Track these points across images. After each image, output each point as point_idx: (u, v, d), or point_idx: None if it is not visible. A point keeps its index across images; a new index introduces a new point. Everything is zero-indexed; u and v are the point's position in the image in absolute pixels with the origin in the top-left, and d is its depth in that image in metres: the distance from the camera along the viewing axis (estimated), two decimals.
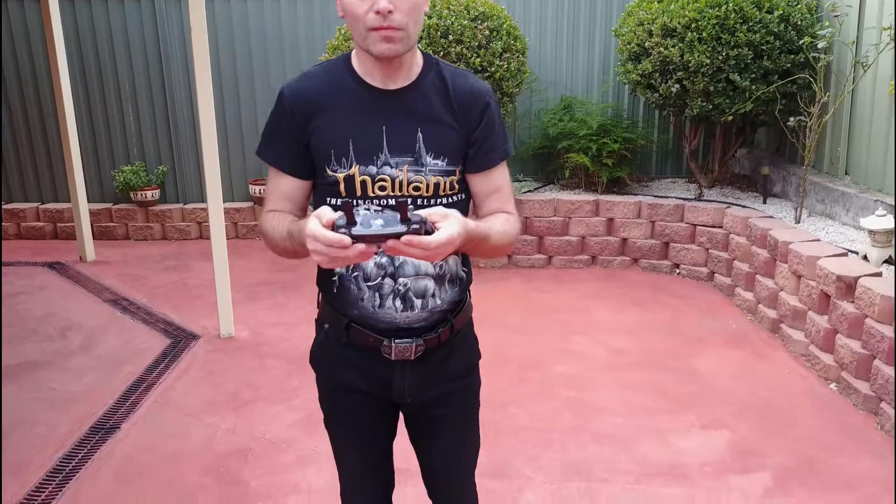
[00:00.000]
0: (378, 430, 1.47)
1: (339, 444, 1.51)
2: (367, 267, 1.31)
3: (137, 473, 2.47)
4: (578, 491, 2.34)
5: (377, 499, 1.53)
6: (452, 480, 1.56)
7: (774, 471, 2.44)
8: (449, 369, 1.43)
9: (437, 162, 1.30)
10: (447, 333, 1.39)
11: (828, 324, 3.13)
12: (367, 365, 1.38)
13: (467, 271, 1.42)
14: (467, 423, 1.52)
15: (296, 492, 2.35)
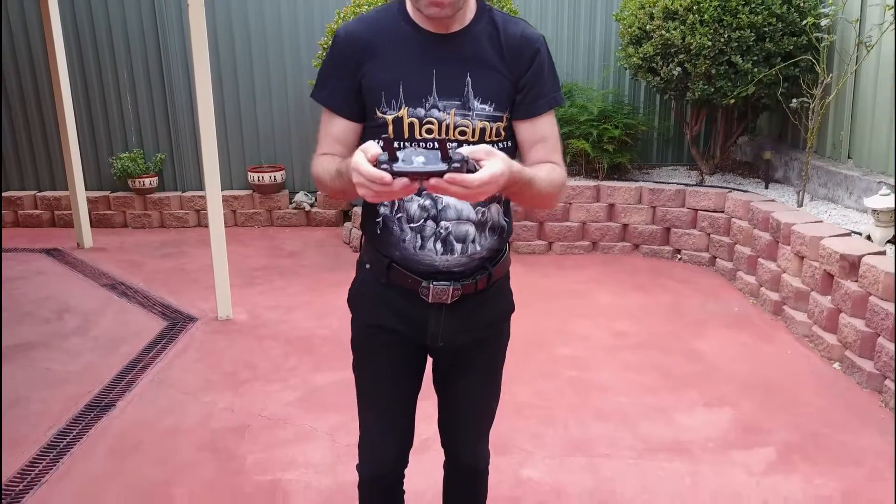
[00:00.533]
0: (405, 376, 1.47)
1: (365, 388, 1.50)
2: (411, 209, 1.33)
3: (132, 449, 2.43)
4: (580, 466, 2.31)
5: (395, 450, 1.51)
6: (469, 431, 1.55)
7: (778, 446, 2.41)
8: (483, 317, 1.45)
9: (485, 107, 1.31)
10: (484, 281, 1.40)
11: (831, 304, 3.10)
12: (404, 306, 1.40)
13: (508, 221, 1.43)
14: (492, 373, 1.53)
15: (293, 467, 2.32)
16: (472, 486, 1.67)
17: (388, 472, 1.53)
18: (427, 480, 2.21)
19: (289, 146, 5.34)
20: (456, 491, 1.69)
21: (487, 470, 1.68)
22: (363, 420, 1.53)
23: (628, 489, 2.18)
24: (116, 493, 2.19)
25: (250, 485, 2.23)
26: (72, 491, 2.20)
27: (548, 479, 2.24)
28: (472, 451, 1.58)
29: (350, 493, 2.14)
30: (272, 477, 2.26)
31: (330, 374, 2.94)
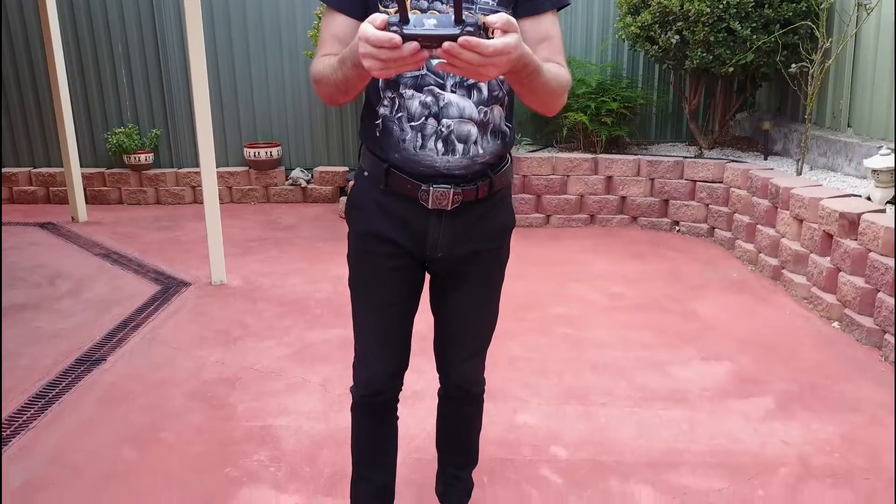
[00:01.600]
0: (402, 290, 1.44)
1: (361, 302, 1.46)
2: (411, 106, 1.30)
3: (122, 398, 2.40)
4: (575, 413, 2.27)
5: (390, 366, 1.48)
6: (464, 348, 1.52)
7: (776, 395, 2.38)
8: (484, 228, 1.42)
9: (488, 0, 1.27)
10: (486, 189, 1.37)
11: (830, 263, 3.07)
12: (403, 213, 1.37)
13: (510, 128, 1.39)
14: (489, 289, 1.50)
15: (284, 414, 2.28)
16: (466, 411, 1.64)
17: (382, 388, 1.49)
18: (420, 424, 2.19)
19: (285, 122, 5.31)
20: (449, 418, 1.66)
21: (482, 398, 1.65)
22: (358, 337, 1.49)
23: (624, 435, 2.15)
24: (104, 437, 2.15)
25: (240, 430, 2.19)
26: (59, 435, 2.16)
27: (542, 425, 2.20)
28: (467, 371, 1.55)
29: (342, 438, 2.11)
30: (263, 423, 2.23)
31: (324, 332, 2.91)
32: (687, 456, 2.04)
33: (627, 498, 1.85)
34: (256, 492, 1.89)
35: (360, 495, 1.59)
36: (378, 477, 1.59)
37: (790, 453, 2.04)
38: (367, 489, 1.59)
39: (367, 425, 1.55)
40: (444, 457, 1.71)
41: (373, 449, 1.57)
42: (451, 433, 1.68)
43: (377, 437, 1.57)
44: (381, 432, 1.56)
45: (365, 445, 1.57)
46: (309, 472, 1.97)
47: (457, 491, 1.70)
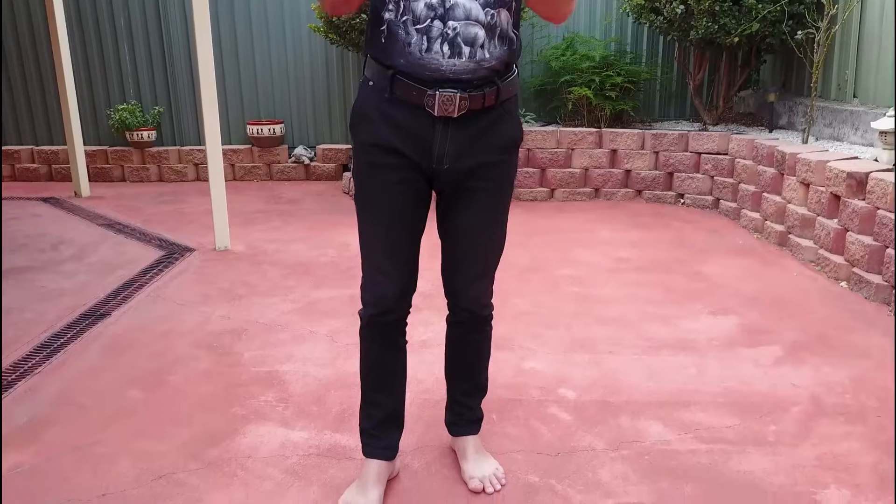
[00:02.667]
0: (408, 202, 1.42)
1: (367, 217, 1.45)
2: (417, 8, 1.28)
3: (127, 346, 2.39)
4: (583, 361, 2.26)
5: (399, 284, 1.46)
6: (471, 267, 1.50)
7: (785, 344, 2.36)
8: (490, 140, 1.40)
9: None
10: (493, 97, 1.36)
11: (837, 225, 3.05)
12: (409, 122, 1.35)
13: (517, 35, 1.38)
14: (497, 208, 1.48)
15: (291, 361, 2.27)
16: (475, 337, 1.62)
17: (390, 307, 1.48)
18: (429, 369, 2.18)
19: (288, 100, 5.29)
20: (457, 343, 1.64)
21: (490, 324, 1.64)
22: (366, 255, 1.47)
23: (633, 378, 2.13)
24: (110, 381, 2.14)
25: (247, 374, 2.18)
26: (65, 379, 2.15)
27: (550, 370, 2.19)
28: (475, 293, 1.53)
29: (351, 381, 2.10)
30: (269, 368, 2.22)
31: (330, 291, 2.90)
32: (697, 396, 2.02)
33: (638, 433, 1.83)
34: (263, 428, 1.87)
35: (370, 420, 1.58)
36: (388, 401, 1.58)
37: (801, 394, 2.03)
38: (377, 413, 1.57)
39: (377, 347, 1.54)
40: (452, 386, 1.69)
41: (382, 372, 1.56)
42: (459, 360, 1.66)
43: (387, 359, 1.55)
44: (391, 355, 1.55)
45: (374, 368, 1.56)
46: (317, 411, 1.95)
47: (466, 420, 1.69)
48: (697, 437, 1.81)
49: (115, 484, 1.63)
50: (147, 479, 1.65)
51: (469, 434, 1.68)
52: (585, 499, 1.57)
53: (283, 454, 1.75)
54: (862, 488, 1.60)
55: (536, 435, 1.83)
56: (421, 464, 1.71)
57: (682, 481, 1.63)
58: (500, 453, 1.74)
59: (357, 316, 1.53)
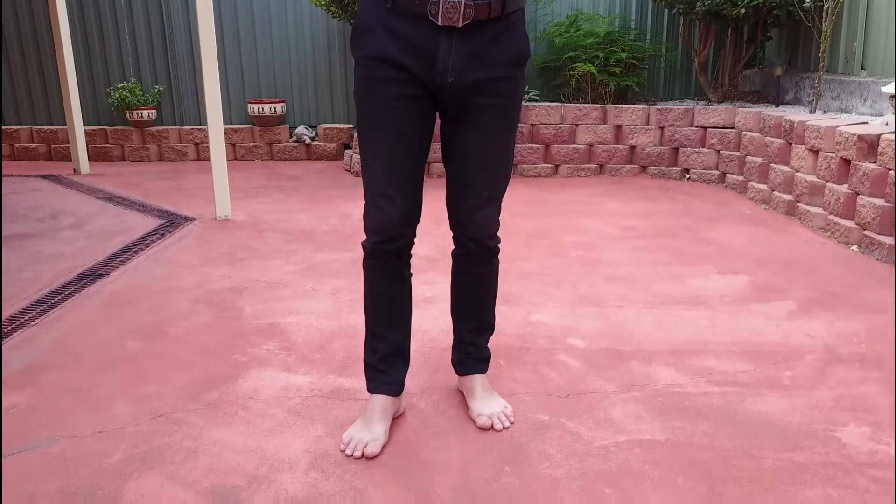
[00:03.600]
0: (412, 119, 1.38)
1: (370, 137, 1.39)
2: None
3: (126, 302, 2.34)
4: (590, 314, 2.21)
5: (402, 208, 1.41)
6: (479, 196, 1.45)
7: (798, 300, 2.32)
8: (497, 53, 1.36)
9: None
10: (498, 7, 1.32)
11: (848, 189, 3.01)
12: (411, 33, 1.31)
13: None
14: (505, 127, 1.43)
15: (293, 314, 2.22)
16: (481, 270, 1.57)
17: (394, 233, 1.43)
18: (434, 322, 2.13)
19: (289, 79, 5.25)
20: (464, 277, 1.60)
21: (497, 258, 1.59)
22: (368, 179, 1.43)
23: (643, 329, 2.09)
24: (108, 332, 2.09)
25: (248, 326, 2.13)
26: (62, 331, 2.10)
27: (558, 322, 2.14)
28: (481, 219, 1.48)
29: (355, 332, 2.06)
30: (271, 321, 2.17)
31: (333, 254, 2.85)
32: (709, 346, 1.97)
33: (650, 377, 1.79)
34: (265, 373, 1.83)
35: (375, 355, 1.53)
36: (393, 335, 1.53)
37: (816, 344, 1.98)
38: (382, 348, 1.53)
39: (381, 278, 1.49)
40: (459, 324, 1.65)
41: (387, 304, 1.51)
42: (466, 296, 1.61)
43: (391, 291, 1.50)
44: (396, 286, 1.50)
45: (379, 301, 1.51)
46: (320, 358, 1.91)
47: (473, 359, 1.64)
48: (710, 381, 1.77)
49: (113, 422, 1.59)
50: (145, 418, 1.60)
51: (477, 373, 1.64)
52: (597, 435, 1.52)
53: (286, 396, 1.70)
54: (882, 426, 1.56)
55: (545, 379, 1.78)
56: (427, 403, 1.67)
57: (696, 420, 1.58)
58: (509, 395, 1.69)
59: (358, 273, 1.49)
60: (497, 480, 1.37)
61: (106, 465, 1.42)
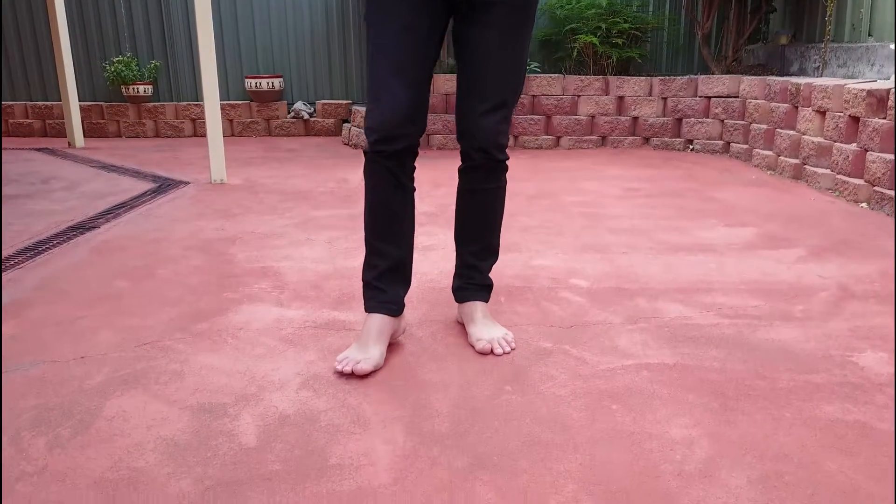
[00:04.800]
0: (421, 11, 1.31)
1: (376, 28, 1.33)
2: None
3: (116, 249, 2.27)
4: (594, 259, 2.14)
5: (406, 104, 1.34)
6: (488, 100, 1.39)
7: (807, 248, 2.25)
8: None
9: None
10: None
11: (857, 147, 2.94)
12: None
13: None
14: (520, 29, 1.37)
15: (287, 259, 2.15)
16: (488, 185, 1.48)
17: (396, 131, 1.35)
18: (434, 266, 2.07)
19: (287, 55, 5.19)
20: (470, 194, 1.51)
21: (505, 176, 1.50)
22: (371, 78, 1.35)
23: (649, 271, 2.02)
24: (95, 273, 2.03)
25: (241, 269, 2.07)
26: (48, 272, 2.03)
27: (561, 266, 2.07)
28: (490, 126, 1.40)
29: (350, 273, 1.99)
30: (265, 265, 2.10)
31: (329, 211, 2.79)
32: (717, 285, 1.91)
33: (657, 311, 1.72)
34: (257, 307, 1.76)
35: (373, 271, 1.46)
36: (393, 251, 1.46)
37: (828, 283, 1.92)
38: (381, 264, 1.46)
39: (381, 185, 1.42)
40: (462, 248, 1.58)
41: (388, 216, 1.44)
42: (471, 216, 1.54)
43: (391, 201, 1.43)
44: (396, 196, 1.43)
45: (379, 212, 1.44)
46: (314, 295, 1.84)
47: (475, 285, 1.57)
48: (720, 314, 1.70)
49: (96, 349, 1.52)
50: (130, 346, 1.53)
51: (478, 300, 1.57)
52: (602, 359, 1.45)
53: (278, 327, 1.63)
54: None
55: (547, 312, 1.71)
56: (426, 333, 1.60)
57: (706, 347, 1.51)
58: (510, 326, 1.63)
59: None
60: (498, 398, 1.30)
61: (87, 385, 1.35)
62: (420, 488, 1.03)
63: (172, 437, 1.17)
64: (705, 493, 1.01)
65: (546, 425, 1.20)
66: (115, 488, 1.03)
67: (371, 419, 1.22)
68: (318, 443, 1.15)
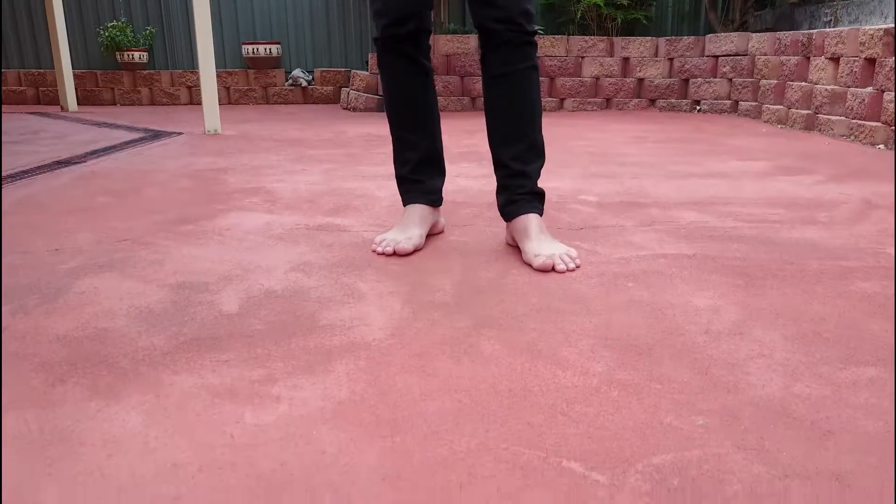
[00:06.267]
0: None
1: None
2: None
3: (102, 177, 2.17)
4: (602, 182, 2.04)
5: None
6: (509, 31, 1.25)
7: (826, 175, 2.14)
8: None
9: None
10: None
11: (873, 89, 2.84)
12: None
13: None
14: None
15: (282, 182, 2.06)
16: (518, 65, 1.29)
17: (403, 13, 1.25)
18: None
19: (285, 22, 5.09)
20: (499, 84, 1.32)
21: (535, 51, 1.31)
22: None
23: (662, 191, 1.91)
24: (77, 193, 1.92)
25: (231, 188, 1.96)
26: (28, 191, 1.93)
27: (570, 187, 1.97)
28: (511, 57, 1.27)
29: (345, 192, 1.89)
30: (258, 185, 2.00)
31: (326, 152, 2.68)
32: (735, 200, 1.80)
33: (671, 217, 1.61)
34: (247, 214, 1.65)
35: (406, 165, 1.36)
36: (422, 140, 1.36)
37: (851, 198, 1.81)
38: (413, 156, 1.36)
39: (401, 73, 1.32)
40: (501, 152, 1.35)
41: (412, 102, 1.34)
42: (504, 107, 1.33)
43: (413, 87, 1.33)
44: (417, 81, 1.33)
45: (401, 100, 1.34)
46: (308, 207, 1.74)
47: (525, 194, 1.34)
48: (739, 220, 1.59)
49: (72, 244, 1.42)
50: (109, 242, 1.43)
51: (531, 212, 1.33)
52: (615, 251, 1.35)
53: (269, 229, 1.53)
54: None
55: (556, 219, 1.61)
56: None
57: (727, 242, 1.41)
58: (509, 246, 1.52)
59: None
60: (504, 278, 1.19)
61: (59, 269, 1.25)
62: (418, 342, 0.92)
63: (147, 306, 1.07)
64: (736, 347, 0.91)
65: (556, 297, 1.10)
66: (79, 343, 0.93)
67: (367, 293, 1.12)
68: (307, 310, 1.05)
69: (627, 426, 0.71)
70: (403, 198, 1.38)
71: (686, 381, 0.81)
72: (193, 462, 0.65)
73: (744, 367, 0.85)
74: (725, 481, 0.62)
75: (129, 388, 0.80)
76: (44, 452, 0.67)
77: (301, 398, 0.77)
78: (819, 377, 0.82)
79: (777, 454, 0.66)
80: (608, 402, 0.76)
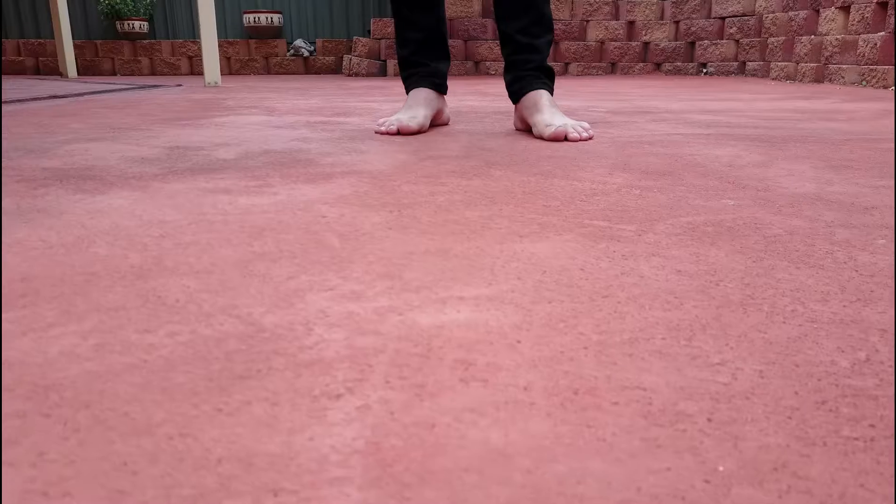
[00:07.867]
0: None
1: None
2: None
3: (98, 104, 2.12)
4: (611, 101, 1.98)
5: None
6: None
7: (840, 99, 2.09)
8: None
9: None
10: None
11: (885, 33, 2.78)
12: None
13: None
14: None
15: (282, 102, 2.00)
16: None
17: None
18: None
19: None
20: None
21: None
22: None
23: (672, 107, 1.86)
24: (73, 109, 1.87)
25: (231, 104, 1.91)
26: (18, 108, 1.88)
27: (579, 104, 1.92)
28: None
29: (344, 107, 1.83)
30: (255, 105, 1.95)
31: (324, 90, 2.63)
32: (746, 112, 1.75)
33: (681, 117, 1.56)
34: (247, 116, 1.60)
35: (409, 46, 1.31)
36: (423, 18, 1.30)
37: (870, 109, 1.76)
38: (416, 36, 1.31)
39: None
40: (509, 27, 1.27)
41: None
42: None
43: None
44: None
45: None
46: (308, 113, 1.69)
47: (533, 70, 1.28)
48: (756, 118, 1.54)
49: (62, 132, 1.36)
50: (102, 129, 1.38)
51: (540, 88, 1.28)
52: (627, 132, 1.30)
53: (267, 121, 1.48)
54: None
55: None
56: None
57: (745, 129, 1.35)
58: (513, 132, 1.46)
59: None
60: (512, 145, 1.14)
61: (49, 141, 1.20)
62: (425, 171, 0.87)
63: (140, 155, 1.01)
64: (763, 172, 0.85)
65: (570, 152, 1.04)
66: (64, 171, 0.87)
67: (368, 150, 1.07)
68: (307, 156, 0.99)
69: (653, 205, 0.66)
70: (406, 83, 1.33)
71: (713, 185, 0.76)
72: (182, 220, 0.60)
73: (775, 180, 0.79)
74: (765, 226, 0.57)
75: (116, 189, 0.75)
76: (22, 217, 0.62)
77: (301, 192, 0.72)
78: (854, 184, 0.77)
79: (817, 218, 0.61)
80: (630, 195, 0.71)
